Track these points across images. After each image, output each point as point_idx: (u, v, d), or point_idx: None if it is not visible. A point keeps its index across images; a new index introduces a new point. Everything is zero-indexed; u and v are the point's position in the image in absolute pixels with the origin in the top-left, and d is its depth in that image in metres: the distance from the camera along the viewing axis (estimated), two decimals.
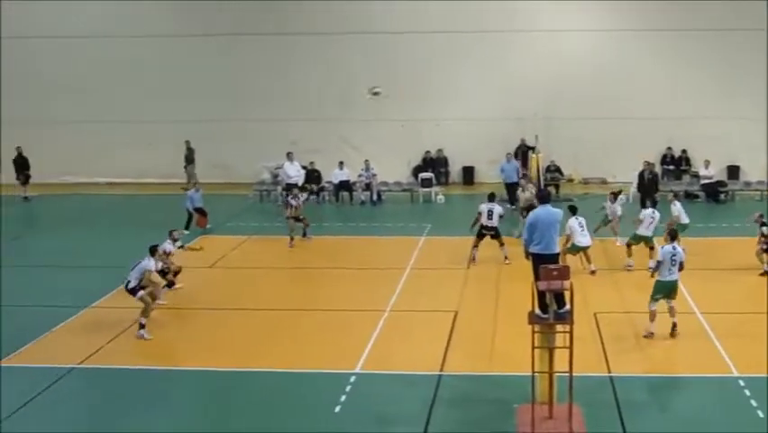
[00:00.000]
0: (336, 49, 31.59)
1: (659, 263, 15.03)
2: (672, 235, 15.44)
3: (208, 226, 24.51)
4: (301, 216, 22.77)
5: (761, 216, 18.27)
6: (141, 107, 32.03)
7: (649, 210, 19.95)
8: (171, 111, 31.83)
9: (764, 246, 17.79)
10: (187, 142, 31.85)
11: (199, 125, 31.86)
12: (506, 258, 20.22)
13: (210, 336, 16.00)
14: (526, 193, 22.44)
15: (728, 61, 30.42)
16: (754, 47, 30.03)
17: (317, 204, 29.25)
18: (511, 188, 26.31)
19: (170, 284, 17.92)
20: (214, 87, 31.87)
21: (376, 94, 21.48)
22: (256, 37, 31.67)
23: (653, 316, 14.97)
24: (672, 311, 15.01)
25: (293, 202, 22.65)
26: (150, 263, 15.63)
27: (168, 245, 17.73)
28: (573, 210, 19.19)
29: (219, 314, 17.16)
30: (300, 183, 27.91)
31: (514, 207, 24.22)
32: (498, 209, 20.46)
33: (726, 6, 29.83)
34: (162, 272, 17.40)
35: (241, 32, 31.62)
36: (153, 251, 16.02)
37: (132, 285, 15.42)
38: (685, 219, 20.35)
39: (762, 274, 18.13)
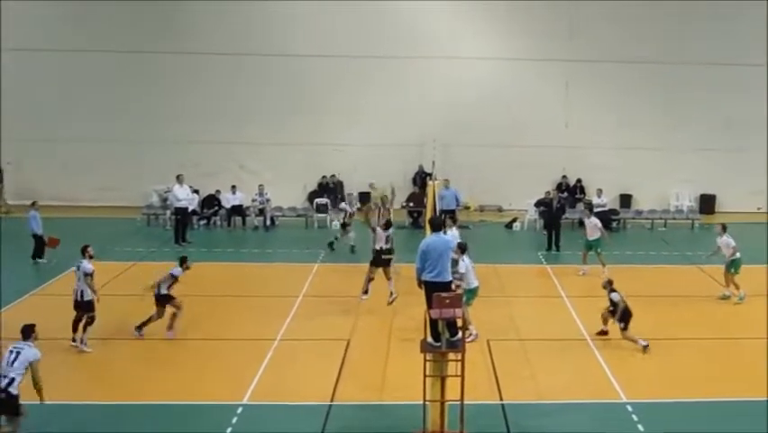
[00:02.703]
0: (233, 70, 31.41)
1: (463, 274, 15.72)
2: (462, 249, 16.11)
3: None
4: None
5: (610, 282, 17.09)
6: (34, 125, 31.19)
7: None
8: (64, 130, 31.20)
9: (611, 310, 16.65)
10: None
11: (91, 144, 31.28)
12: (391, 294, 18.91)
13: (90, 367, 15.48)
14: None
15: (621, 92, 31.78)
16: (648, 78, 31.55)
17: (208, 229, 28.95)
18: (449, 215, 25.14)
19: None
20: (107, 105, 31.31)
21: None
22: (152, 56, 31.19)
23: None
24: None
25: None
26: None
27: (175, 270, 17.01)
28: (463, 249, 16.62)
29: (99, 344, 16.56)
30: (191, 208, 27.56)
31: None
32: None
33: (621, 38, 31.21)
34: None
35: (136, 50, 31.05)
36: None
37: None
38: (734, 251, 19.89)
39: (599, 333, 17.05)
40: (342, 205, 26.51)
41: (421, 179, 30.62)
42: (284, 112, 31.59)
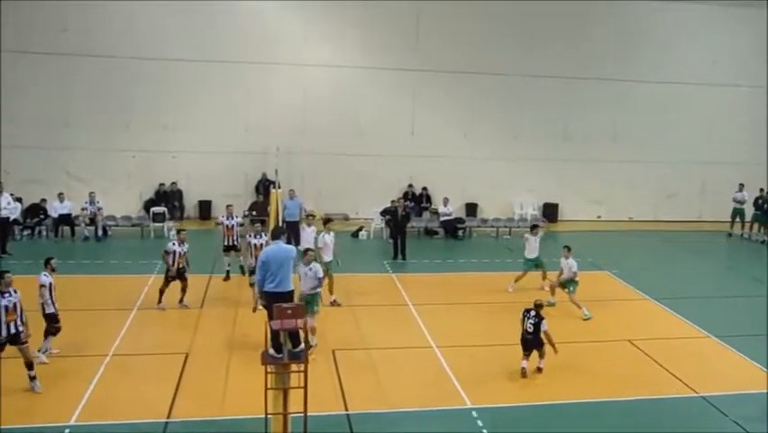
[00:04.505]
0: (62, 70, 29.97)
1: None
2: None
3: None
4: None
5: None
6: None
7: None
8: None
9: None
10: None
11: None
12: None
13: None
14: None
15: (466, 102, 32.91)
16: (491, 89, 32.88)
17: (32, 239, 27.62)
18: (293, 227, 24.34)
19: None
20: None
21: None
22: None
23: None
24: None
25: None
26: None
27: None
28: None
29: None
30: (12, 217, 26.19)
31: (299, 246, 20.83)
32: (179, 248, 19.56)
33: (466, 49, 32.31)
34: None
35: None
36: None
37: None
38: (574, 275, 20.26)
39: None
40: (221, 219, 23.34)
41: (264, 187, 30.40)
42: (118, 116, 30.62)
